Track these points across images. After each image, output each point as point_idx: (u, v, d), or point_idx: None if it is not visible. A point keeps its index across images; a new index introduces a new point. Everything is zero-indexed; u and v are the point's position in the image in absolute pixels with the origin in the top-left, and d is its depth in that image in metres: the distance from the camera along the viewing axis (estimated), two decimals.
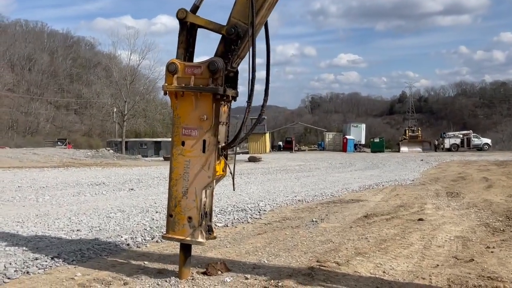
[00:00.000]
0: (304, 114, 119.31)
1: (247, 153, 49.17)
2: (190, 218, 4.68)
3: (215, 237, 5.18)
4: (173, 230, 4.77)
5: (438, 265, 5.45)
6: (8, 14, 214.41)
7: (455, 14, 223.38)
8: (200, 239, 4.68)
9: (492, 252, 6.08)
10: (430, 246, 6.47)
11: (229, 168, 4.95)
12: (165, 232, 4.91)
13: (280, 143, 65.05)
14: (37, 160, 29.06)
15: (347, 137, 57.63)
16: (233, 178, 4.94)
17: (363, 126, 62.39)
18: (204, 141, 4.66)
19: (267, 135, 57.77)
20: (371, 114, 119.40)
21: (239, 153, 42.73)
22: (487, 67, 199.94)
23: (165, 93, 4.78)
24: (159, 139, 65.35)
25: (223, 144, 4.86)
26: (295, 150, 58.28)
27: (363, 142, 60.14)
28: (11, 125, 74.08)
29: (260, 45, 4.78)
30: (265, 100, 4.82)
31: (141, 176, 19.27)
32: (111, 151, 43.93)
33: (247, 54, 4.71)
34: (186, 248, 4.86)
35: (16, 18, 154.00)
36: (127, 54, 62.42)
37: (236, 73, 4.98)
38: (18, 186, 14.65)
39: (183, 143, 4.73)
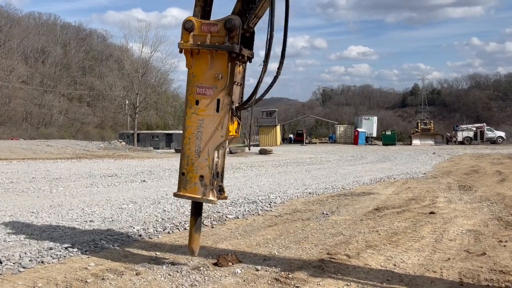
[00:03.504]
0: (315, 106, 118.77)
1: (257, 145, 49.17)
2: (202, 176, 4.68)
3: (226, 197, 5.12)
4: (184, 188, 4.77)
5: (449, 259, 5.42)
6: (21, 7, 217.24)
7: (467, 5, 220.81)
8: (211, 198, 4.69)
9: (504, 246, 6.03)
10: (442, 239, 6.44)
11: (243, 129, 4.90)
12: (177, 190, 4.88)
13: (291, 135, 64.89)
14: (51, 151, 29.40)
15: (359, 129, 57.32)
16: (249, 137, 4.89)
17: (375, 118, 61.85)
18: (218, 100, 4.62)
19: (278, 127, 57.66)
20: (383, 106, 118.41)
21: (252, 145, 42.74)
22: (500, 59, 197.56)
23: (180, 51, 4.72)
24: (170, 131, 65.67)
25: (237, 105, 4.81)
26: (306, 143, 58.12)
27: (374, 135, 59.69)
28: (25, 117, 74.96)
29: (277, 2, 4.59)
30: (281, 62, 4.66)
31: (153, 168, 19.41)
32: (123, 143, 44.29)
33: (265, 13, 4.61)
34: (196, 209, 4.89)
35: (29, 11, 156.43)
36: (138, 47, 62.75)
37: (252, 33, 4.88)
38: (32, 177, 14.86)
39: (197, 102, 4.70)
